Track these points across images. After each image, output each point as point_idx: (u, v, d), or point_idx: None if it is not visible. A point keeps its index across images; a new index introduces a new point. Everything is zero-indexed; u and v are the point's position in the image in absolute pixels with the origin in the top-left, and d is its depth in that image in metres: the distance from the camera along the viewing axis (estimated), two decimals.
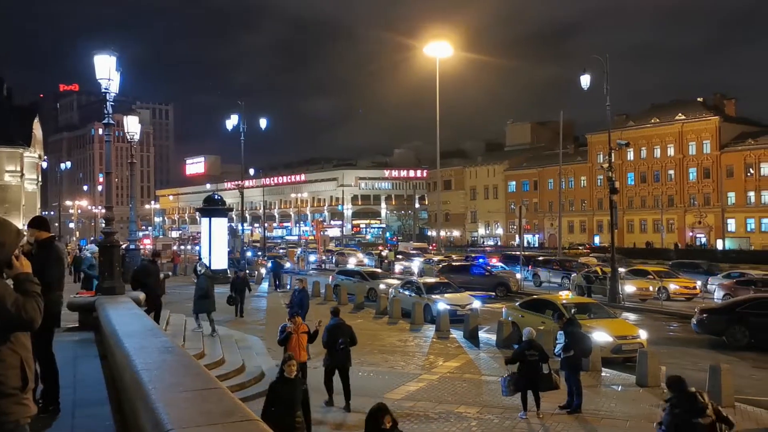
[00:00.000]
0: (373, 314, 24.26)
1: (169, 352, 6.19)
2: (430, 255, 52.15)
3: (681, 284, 31.19)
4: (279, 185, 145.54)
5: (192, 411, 4.07)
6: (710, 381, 12.05)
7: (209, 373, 5.43)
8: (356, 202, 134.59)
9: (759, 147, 76.53)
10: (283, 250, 64.53)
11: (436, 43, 56.16)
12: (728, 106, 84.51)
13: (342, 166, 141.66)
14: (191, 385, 4.75)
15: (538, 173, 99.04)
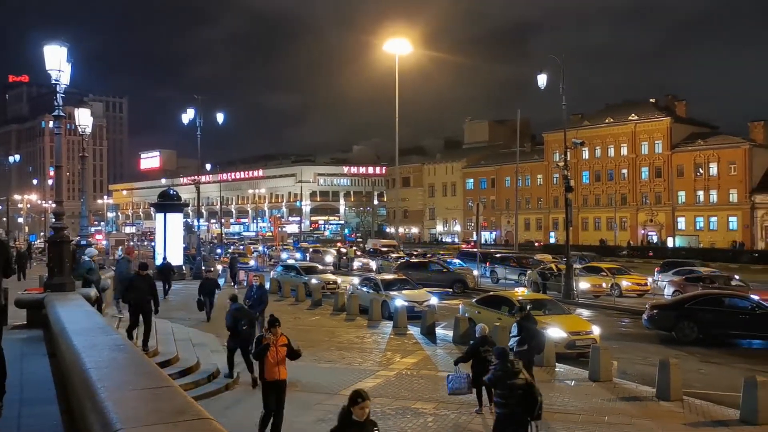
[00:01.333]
0: (330, 311, 24.21)
1: (120, 350, 6.06)
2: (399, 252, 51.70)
3: (633, 281, 31.94)
4: (236, 181, 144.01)
5: (142, 410, 3.99)
6: (659, 375, 12.34)
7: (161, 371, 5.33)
8: (315, 199, 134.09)
9: (708, 148, 78.75)
10: (245, 247, 63.90)
11: (395, 41, 56.19)
12: (679, 107, 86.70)
13: (301, 162, 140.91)
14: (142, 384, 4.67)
15: (496, 171, 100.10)
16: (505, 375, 8.31)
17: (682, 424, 10.86)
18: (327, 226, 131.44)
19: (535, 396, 8.04)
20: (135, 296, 13.91)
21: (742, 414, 10.91)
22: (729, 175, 76.59)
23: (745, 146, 75.99)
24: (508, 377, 8.25)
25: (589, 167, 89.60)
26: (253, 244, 72.43)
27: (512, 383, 8.16)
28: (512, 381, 8.18)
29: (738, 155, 76.31)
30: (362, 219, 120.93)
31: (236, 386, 13.00)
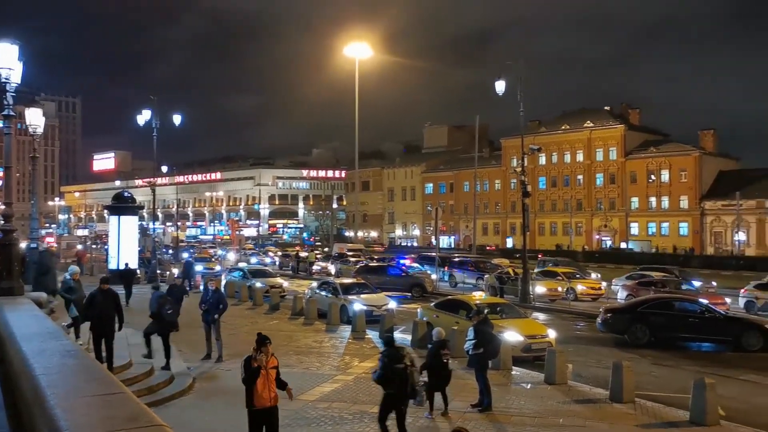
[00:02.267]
0: (288, 315, 24.04)
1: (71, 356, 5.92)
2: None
3: (588, 285, 32.49)
4: (194, 183, 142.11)
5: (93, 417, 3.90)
6: (612, 378, 12.58)
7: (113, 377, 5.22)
8: (273, 202, 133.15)
9: (660, 155, 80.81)
10: (203, 251, 62.86)
11: (355, 44, 56.23)
12: (633, 115, 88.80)
13: (259, 164, 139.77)
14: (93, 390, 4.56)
15: (455, 176, 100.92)
16: (390, 361, 9.24)
17: (634, 425, 11.08)
18: (286, 230, 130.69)
19: (414, 379, 9.20)
20: (97, 314, 12.52)
21: (692, 415, 11.19)
22: (680, 182, 78.73)
23: (696, 154, 78.23)
24: (394, 362, 9.20)
25: (546, 173, 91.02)
26: (212, 248, 71.47)
27: (396, 367, 9.16)
28: (396, 366, 9.17)
29: (688, 163, 78.51)
30: (321, 223, 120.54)
31: (191, 392, 12.81)
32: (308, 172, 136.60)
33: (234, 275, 33.02)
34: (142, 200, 77.28)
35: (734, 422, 11.28)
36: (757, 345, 18.80)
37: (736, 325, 19.49)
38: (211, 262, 46.29)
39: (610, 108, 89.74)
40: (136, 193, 64.59)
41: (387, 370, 9.21)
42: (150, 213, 57.32)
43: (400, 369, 9.20)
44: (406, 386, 9.11)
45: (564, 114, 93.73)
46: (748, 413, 12.26)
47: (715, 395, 11.24)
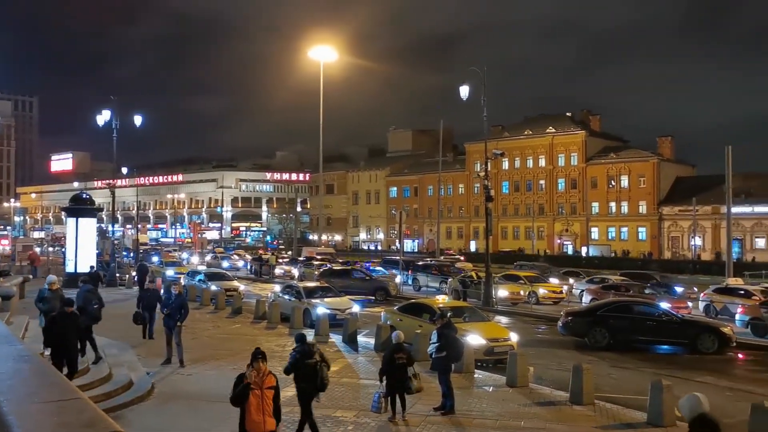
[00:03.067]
0: (251, 319, 23.83)
1: (25, 361, 5.77)
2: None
3: (549, 289, 32.91)
4: (155, 185, 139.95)
5: (48, 423, 3.81)
6: (573, 380, 12.76)
7: (69, 383, 5.10)
8: (236, 205, 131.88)
9: (620, 161, 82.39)
10: (177, 252, 61.89)
11: (320, 47, 56.19)
12: (593, 121, 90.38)
13: (222, 167, 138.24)
14: (49, 396, 4.45)
15: (419, 180, 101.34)
16: (302, 356, 9.83)
17: (594, 427, 11.25)
18: (249, 233, 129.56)
19: (323, 373, 9.74)
20: (58, 340, 11.24)
21: (649, 417, 11.40)
22: (639, 188, 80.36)
23: (654, 160, 79.96)
24: (305, 358, 9.80)
25: (509, 178, 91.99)
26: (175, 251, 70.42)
27: (307, 362, 9.76)
28: (308, 361, 9.77)
29: (647, 168, 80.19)
30: (285, 226, 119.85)
31: (151, 397, 12.60)
32: (272, 174, 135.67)
33: (191, 278, 32.65)
34: (101, 202, 75.81)
35: None
36: (712, 347, 19.27)
37: (692, 328, 19.94)
38: (183, 266, 45.62)
39: (571, 114, 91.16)
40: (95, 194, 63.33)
41: (298, 364, 9.81)
42: (109, 215, 56.30)
43: (311, 364, 9.76)
44: (317, 380, 9.71)
45: (527, 119, 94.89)
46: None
47: (672, 397, 11.46)
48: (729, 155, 35.70)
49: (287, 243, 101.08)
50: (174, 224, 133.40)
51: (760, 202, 69.14)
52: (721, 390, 15.27)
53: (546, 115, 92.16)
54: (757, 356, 19.94)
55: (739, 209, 63.71)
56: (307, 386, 9.75)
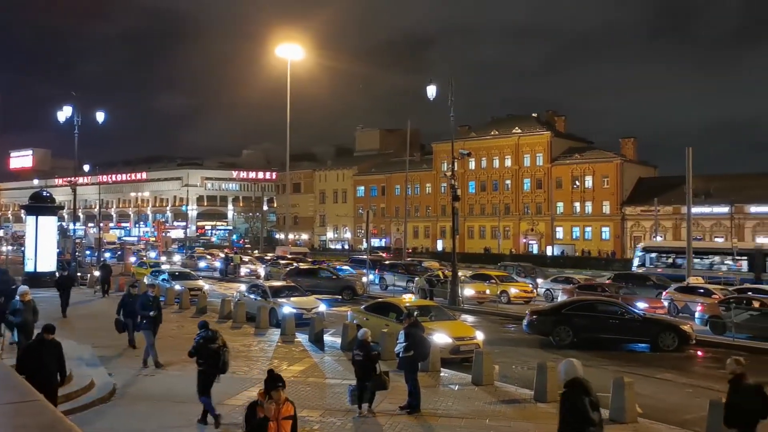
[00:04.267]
0: (216, 318, 23.58)
1: None
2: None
3: (520, 288, 33.19)
4: (118, 183, 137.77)
5: (6, 425, 3.72)
6: (537, 378, 12.90)
7: (27, 385, 4.98)
8: (202, 203, 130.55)
9: (584, 161, 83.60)
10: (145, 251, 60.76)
11: (287, 45, 55.92)
12: (559, 122, 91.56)
13: (187, 165, 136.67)
14: (5, 398, 4.34)
15: (386, 179, 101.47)
16: (205, 341, 10.67)
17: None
18: (214, 232, 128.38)
19: (225, 357, 10.71)
20: (35, 369, 9.37)
21: (611, 413, 11.58)
22: (602, 188, 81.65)
23: (617, 161, 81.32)
24: (208, 343, 10.64)
25: (476, 177, 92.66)
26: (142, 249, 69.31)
27: (210, 347, 10.60)
28: (210, 346, 10.60)
29: (610, 169, 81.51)
30: (251, 225, 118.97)
31: (113, 398, 12.39)
32: (238, 173, 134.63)
33: (157, 278, 32.17)
34: (63, 200, 74.42)
35: (651, 419, 11.74)
36: (673, 345, 19.67)
37: (653, 327, 20.31)
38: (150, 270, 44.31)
39: (537, 115, 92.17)
40: (56, 192, 62.17)
41: (201, 348, 10.65)
42: (70, 213, 55.23)
43: (214, 348, 10.62)
44: (218, 363, 10.60)
45: (493, 120, 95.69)
46: (664, 411, 12.79)
47: (633, 394, 11.68)
48: (689, 157, 36.42)
49: (254, 242, 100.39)
50: (137, 223, 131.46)
51: (719, 202, 70.85)
52: (681, 387, 15.59)
53: (512, 116, 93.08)
54: (715, 353, 20.38)
55: (699, 210, 65.23)
56: (208, 368, 10.60)
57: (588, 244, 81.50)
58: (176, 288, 28.69)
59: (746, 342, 21.29)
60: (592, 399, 6.92)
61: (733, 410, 8.39)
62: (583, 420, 6.82)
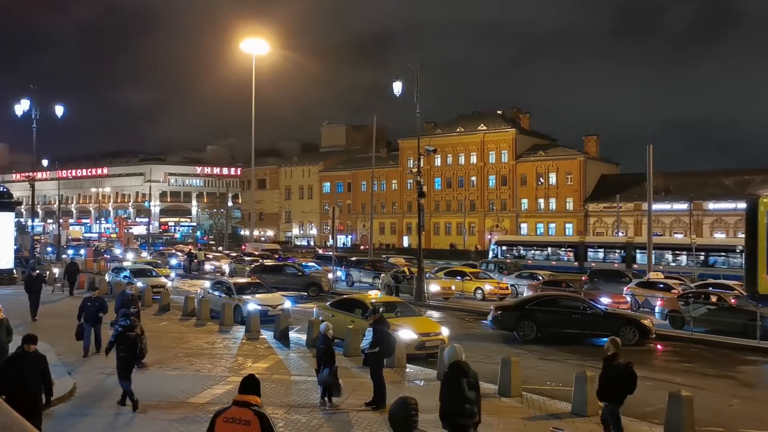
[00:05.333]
0: (179, 316, 23.30)
1: None
2: None
3: (495, 285, 33.34)
4: (78, 178, 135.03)
5: None
6: (501, 373, 13.02)
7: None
8: (165, 199, 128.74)
9: (548, 158, 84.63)
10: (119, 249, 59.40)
11: (252, 40, 55.37)
12: (523, 119, 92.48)
13: (150, 160, 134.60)
14: None
15: (352, 175, 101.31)
16: (124, 330, 11.40)
17: (521, 418, 11.50)
18: (178, 228, 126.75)
19: (142, 344, 11.51)
20: (15, 386, 8.37)
21: (574, 407, 11.76)
22: (566, 185, 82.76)
23: (580, 158, 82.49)
24: (127, 331, 11.36)
25: (441, 174, 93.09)
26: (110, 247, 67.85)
27: (128, 335, 11.33)
28: (129, 334, 11.34)
29: (574, 166, 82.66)
30: (215, 221, 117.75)
31: (72, 398, 12.14)
32: (202, 169, 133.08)
33: (115, 275, 31.62)
34: (20, 196, 72.66)
35: None
36: (634, 339, 20.02)
37: (615, 321, 20.64)
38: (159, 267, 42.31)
39: (501, 112, 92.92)
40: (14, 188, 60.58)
41: (121, 337, 11.37)
42: (29, 209, 53.97)
43: (132, 336, 11.36)
44: (136, 350, 11.40)
45: (459, 117, 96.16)
46: (625, 404, 12.98)
47: (595, 387, 11.84)
48: (650, 154, 37.08)
49: (218, 239, 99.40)
50: (98, 219, 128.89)
51: (679, 199, 72.38)
52: (641, 380, 15.80)
53: (478, 113, 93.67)
54: (675, 347, 20.84)
55: (660, 206, 66.57)
56: (128, 355, 11.32)
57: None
58: (138, 285, 28.17)
59: (704, 335, 21.81)
60: (470, 379, 7.80)
61: (606, 385, 9.53)
62: (460, 397, 7.67)
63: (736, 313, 21.96)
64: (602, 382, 9.65)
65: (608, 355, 9.76)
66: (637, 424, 11.42)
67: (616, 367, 9.51)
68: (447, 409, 7.72)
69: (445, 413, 7.74)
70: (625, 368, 9.46)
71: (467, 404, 7.70)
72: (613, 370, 9.53)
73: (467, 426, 7.74)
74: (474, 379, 7.93)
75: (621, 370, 9.46)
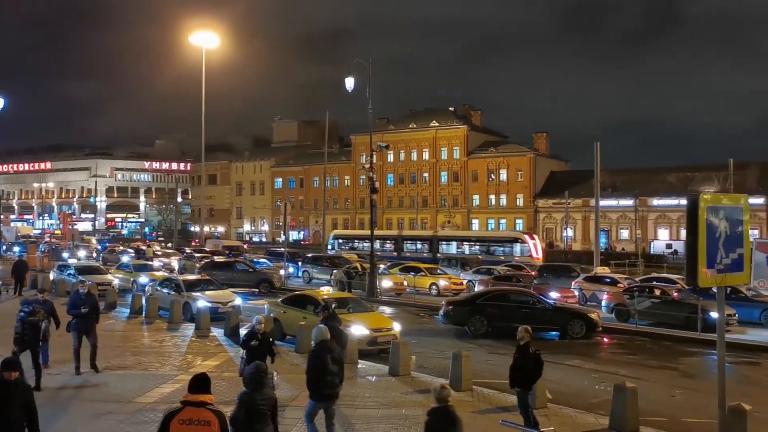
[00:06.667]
0: (127, 313, 22.78)
1: None
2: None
3: (451, 281, 33.55)
4: (19, 173, 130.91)
5: None
6: (452, 367, 13.13)
7: None
8: (112, 195, 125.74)
9: (499, 155, 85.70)
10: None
11: (202, 33, 54.39)
12: (475, 116, 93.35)
13: (96, 154, 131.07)
14: None
15: (305, 171, 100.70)
16: (27, 315, 12.34)
17: (471, 412, 11.60)
18: (125, 224, 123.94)
19: (45, 327, 12.55)
20: None
21: None
22: (516, 181, 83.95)
23: (530, 155, 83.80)
24: (29, 317, 12.33)
25: (394, 170, 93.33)
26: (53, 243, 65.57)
27: (31, 320, 12.40)
28: (30, 318, 12.38)
29: (524, 163, 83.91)
30: (164, 217, 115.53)
31: None
32: (151, 163, 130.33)
33: (60, 272, 30.74)
34: None
35: (559, 404, 12.17)
36: (581, 332, 20.46)
37: (563, 315, 21.05)
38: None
39: (453, 109, 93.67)
40: None
41: (25, 323, 12.35)
42: None
43: (34, 321, 12.38)
44: (39, 333, 12.46)
45: (411, 113, 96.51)
46: (572, 396, 13.29)
47: (543, 380, 12.03)
48: (597, 152, 37.93)
49: (167, 235, 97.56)
50: (41, 215, 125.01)
51: (625, 196, 74.27)
52: (588, 372, 16.24)
53: (430, 110, 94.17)
54: (620, 340, 21.37)
55: (607, 202, 68.18)
56: (31, 339, 12.26)
57: None
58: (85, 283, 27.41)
59: (648, 328, 22.44)
60: (333, 355, 9.20)
61: (517, 372, 10.21)
62: (324, 370, 9.05)
63: (678, 306, 22.67)
64: (514, 369, 10.28)
65: (522, 344, 10.40)
66: (584, 415, 11.66)
67: (528, 356, 10.16)
68: (313, 380, 9.08)
69: (312, 384, 9.11)
70: (535, 356, 10.13)
71: (329, 376, 9.09)
72: (526, 358, 10.18)
73: (331, 395, 9.23)
74: (338, 355, 9.40)
75: (533, 358, 10.12)
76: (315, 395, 9.19)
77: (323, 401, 9.23)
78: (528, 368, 10.11)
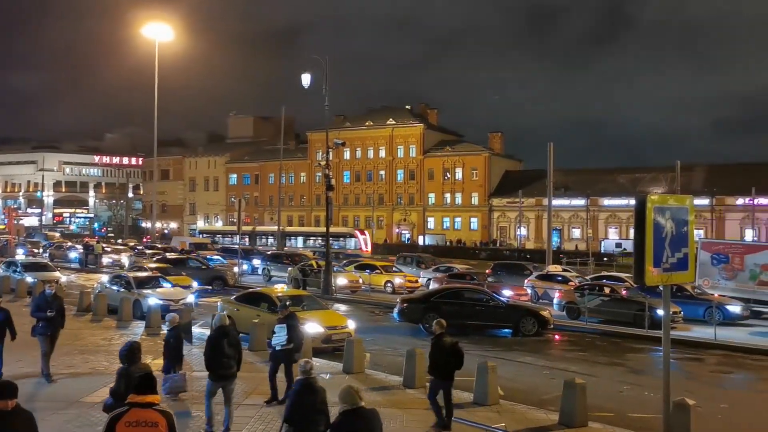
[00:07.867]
0: (74, 311, 22.18)
1: None
2: None
3: (406, 278, 33.64)
4: None
5: None
6: (406, 365, 13.18)
7: None
8: (59, 189, 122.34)
9: (454, 154, 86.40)
10: None
11: (155, 25, 53.35)
12: (431, 115, 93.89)
13: (43, 148, 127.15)
14: None
15: (260, 167, 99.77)
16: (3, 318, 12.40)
17: (425, 409, 11.65)
18: (74, 220, 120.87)
19: None
20: None
21: (475, 396, 12.06)
22: (472, 180, 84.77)
23: (485, 154, 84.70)
24: None
25: (350, 167, 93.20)
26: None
27: None
28: None
29: (479, 162, 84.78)
30: (114, 212, 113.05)
31: None
32: (101, 158, 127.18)
33: (8, 270, 29.81)
34: None
35: (511, 401, 12.33)
36: (533, 330, 20.79)
37: (516, 313, 21.35)
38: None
39: (410, 107, 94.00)
40: None
41: None
42: None
43: None
44: None
45: (369, 111, 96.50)
46: (524, 392, 13.48)
47: (496, 377, 12.20)
48: (551, 152, 38.54)
49: (117, 231, 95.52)
50: None
51: (577, 195, 75.72)
52: (539, 369, 16.50)
53: (387, 108, 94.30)
54: (571, 337, 21.78)
55: (559, 202, 69.39)
56: None
57: (458, 233, 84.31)
58: (28, 280, 26.67)
59: (598, 326, 22.93)
60: (230, 339, 10.08)
61: (435, 362, 10.49)
62: (221, 353, 9.90)
63: (626, 304, 23.23)
64: (432, 359, 10.59)
65: (436, 335, 10.68)
66: (535, 411, 11.83)
67: (443, 346, 10.43)
68: (210, 362, 9.91)
69: (210, 366, 9.93)
70: (452, 347, 10.41)
71: (225, 359, 9.89)
72: (440, 348, 10.45)
73: (226, 375, 9.95)
74: (234, 339, 10.22)
75: (448, 348, 10.39)
76: (212, 375, 9.97)
77: (219, 381, 9.93)
78: (446, 359, 10.35)
